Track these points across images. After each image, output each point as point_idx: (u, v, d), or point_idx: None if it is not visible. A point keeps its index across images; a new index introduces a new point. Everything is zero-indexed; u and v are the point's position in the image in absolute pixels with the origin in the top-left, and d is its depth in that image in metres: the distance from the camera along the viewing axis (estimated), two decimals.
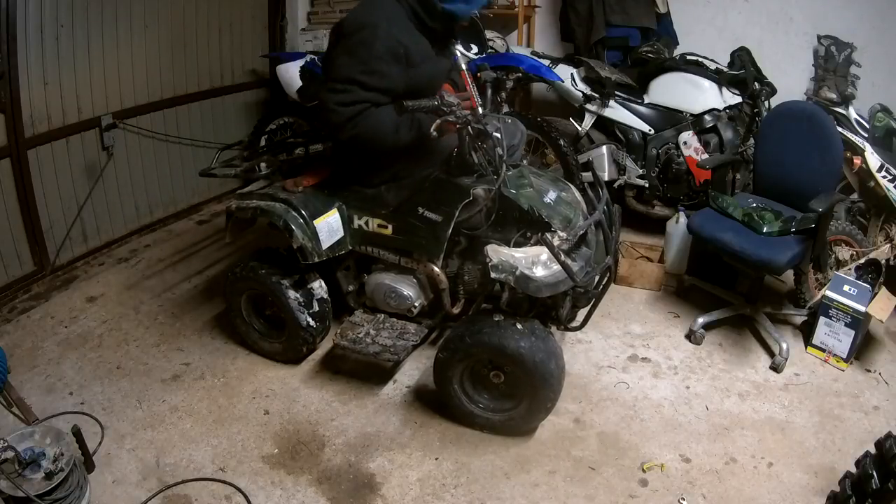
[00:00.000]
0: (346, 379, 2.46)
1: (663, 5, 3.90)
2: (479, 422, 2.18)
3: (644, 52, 3.66)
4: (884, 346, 2.69)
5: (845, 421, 2.27)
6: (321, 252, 2.24)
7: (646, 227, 3.62)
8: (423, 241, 2.17)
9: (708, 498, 1.95)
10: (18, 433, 1.77)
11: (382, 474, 2.04)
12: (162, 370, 2.51)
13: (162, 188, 3.77)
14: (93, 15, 3.09)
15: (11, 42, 2.71)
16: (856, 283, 2.52)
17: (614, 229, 2.36)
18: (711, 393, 2.41)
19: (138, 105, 3.47)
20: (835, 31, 3.62)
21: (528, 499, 1.95)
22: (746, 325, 2.80)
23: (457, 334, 2.08)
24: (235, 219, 2.39)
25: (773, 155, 2.72)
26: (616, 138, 3.45)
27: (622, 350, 2.67)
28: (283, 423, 2.24)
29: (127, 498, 1.92)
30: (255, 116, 4.29)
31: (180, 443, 2.14)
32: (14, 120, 2.81)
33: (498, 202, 2.09)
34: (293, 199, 2.24)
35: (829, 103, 3.24)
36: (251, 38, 4.21)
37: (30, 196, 2.97)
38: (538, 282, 1.93)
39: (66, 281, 3.15)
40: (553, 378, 2.01)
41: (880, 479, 1.64)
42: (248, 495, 1.94)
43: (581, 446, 2.16)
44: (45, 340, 2.67)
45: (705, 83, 3.27)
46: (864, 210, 3.07)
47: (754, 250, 2.41)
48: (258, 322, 2.56)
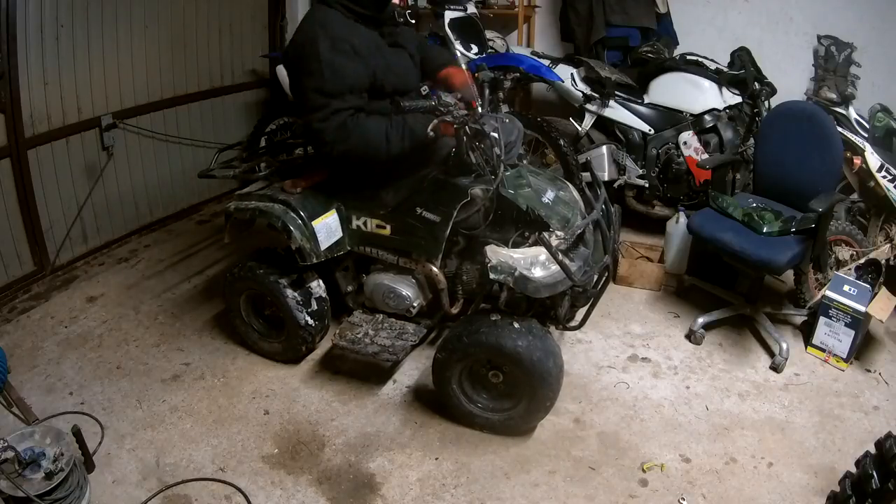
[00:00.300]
0: (345, 379, 2.46)
1: (663, 5, 3.90)
2: (479, 421, 2.18)
3: (644, 52, 3.66)
4: (884, 346, 2.69)
5: (845, 421, 2.27)
6: (320, 253, 2.24)
7: (646, 227, 3.62)
8: (422, 242, 2.17)
9: (708, 498, 1.95)
10: (18, 433, 1.77)
11: (382, 474, 2.04)
12: (162, 370, 2.51)
13: (162, 188, 3.77)
14: (93, 15, 3.09)
15: (11, 42, 2.71)
16: (856, 283, 2.52)
17: (613, 229, 2.36)
18: (711, 393, 2.41)
19: (138, 105, 3.47)
20: (835, 31, 3.62)
21: (528, 499, 1.95)
22: (746, 325, 2.80)
23: (454, 335, 2.08)
24: (234, 220, 2.39)
25: (773, 155, 2.72)
26: (616, 138, 3.44)
27: (622, 350, 2.67)
28: (283, 423, 2.24)
29: (127, 498, 1.92)
30: (255, 116, 4.29)
31: (180, 443, 2.14)
32: (14, 120, 2.81)
33: (496, 202, 2.09)
34: (292, 200, 2.24)
35: (829, 103, 3.24)
36: (251, 38, 4.22)
37: (30, 196, 2.97)
38: (536, 282, 1.93)
39: (66, 281, 3.15)
40: (551, 377, 2.01)
41: (880, 479, 1.64)
42: (248, 495, 1.94)
43: (581, 446, 2.16)
44: (45, 340, 2.67)
45: (705, 83, 3.27)
46: (864, 210, 3.07)
47: (754, 250, 2.41)
48: (257, 322, 2.56)
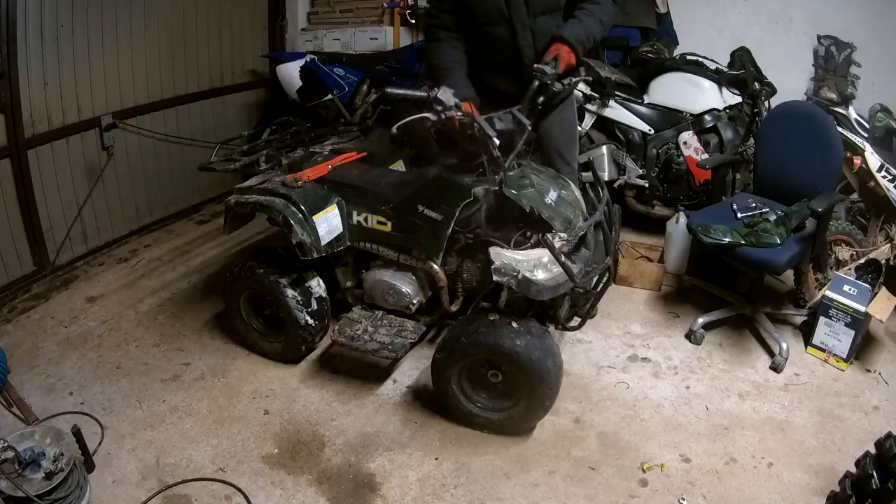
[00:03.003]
0: (345, 379, 2.46)
1: (663, 5, 3.90)
2: (479, 421, 2.18)
3: (644, 52, 3.67)
4: (884, 346, 2.69)
5: (845, 421, 2.27)
6: (320, 248, 2.23)
7: (646, 227, 3.62)
8: (423, 239, 2.17)
9: (708, 498, 1.95)
10: (18, 433, 1.77)
11: (382, 474, 2.04)
12: (162, 370, 2.51)
13: (162, 188, 3.78)
14: (93, 15, 3.09)
15: (11, 42, 2.71)
16: (856, 283, 2.52)
17: (614, 230, 2.35)
18: (711, 393, 2.41)
19: (138, 105, 3.47)
20: (835, 31, 3.62)
21: (528, 499, 1.95)
22: (746, 325, 2.80)
23: (453, 335, 2.08)
24: (234, 213, 2.39)
25: (773, 155, 2.72)
26: (616, 138, 3.45)
27: (622, 350, 2.67)
28: (283, 423, 2.24)
29: (127, 498, 1.92)
30: (255, 116, 4.30)
31: (180, 443, 2.14)
32: (14, 120, 2.81)
33: (499, 202, 2.08)
34: (292, 195, 2.23)
35: (829, 103, 3.24)
36: (251, 39, 4.22)
37: (30, 196, 2.97)
38: (539, 285, 1.93)
39: (66, 281, 3.15)
40: (550, 376, 2.01)
41: (880, 479, 1.64)
42: (248, 495, 1.94)
43: (581, 446, 2.15)
44: (45, 340, 2.67)
45: (705, 83, 3.27)
46: (864, 210, 3.07)
47: (754, 250, 2.41)
48: (257, 322, 2.56)
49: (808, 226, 2.50)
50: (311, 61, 3.84)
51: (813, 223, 2.47)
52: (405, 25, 4.16)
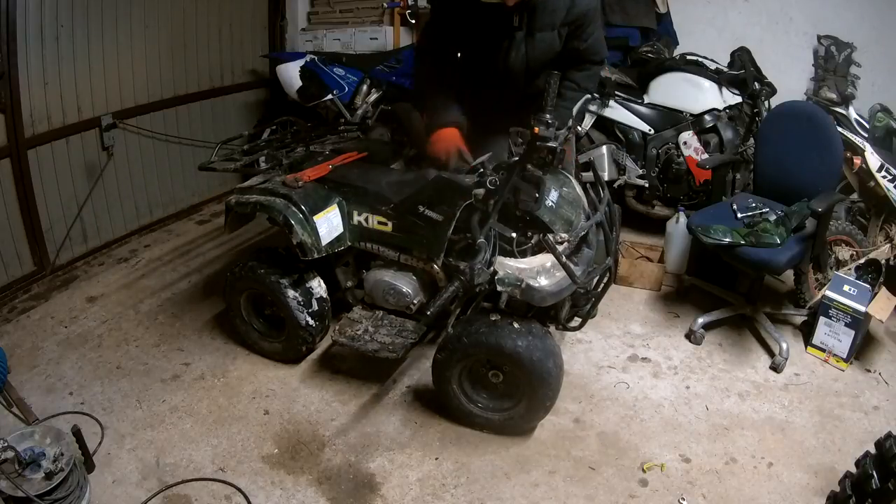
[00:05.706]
0: (345, 379, 2.46)
1: (663, 5, 3.90)
2: (479, 421, 2.18)
3: (644, 52, 3.67)
4: (884, 346, 2.69)
5: (845, 421, 2.27)
6: (321, 248, 2.23)
7: (646, 227, 3.62)
8: (424, 240, 2.17)
9: (708, 498, 1.95)
10: (18, 433, 1.77)
11: (382, 474, 2.04)
12: (162, 370, 2.51)
13: (162, 188, 3.78)
14: (93, 15, 3.09)
15: (11, 42, 2.71)
16: (856, 283, 2.52)
17: (615, 230, 2.35)
18: (711, 393, 2.41)
19: (138, 105, 3.47)
20: (835, 31, 3.62)
21: (528, 499, 1.95)
22: (746, 325, 2.80)
23: (454, 335, 2.08)
24: (235, 213, 2.39)
25: (773, 155, 2.72)
26: (616, 138, 3.45)
27: (622, 350, 2.67)
28: (283, 423, 2.24)
29: (127, 498, 1.92)
30: (255, 116, 4.30)
31: (180, 443, 2.14)
32: (14, 120, 2.81)
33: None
34: (293, 195, 2.23)
35: (829, 103, 3.25)
36: (251, 38, 4.22)
37: (30, 196, 2.97)
38: (543, 292, 1.93)
39: (66, 281, 3.15)
40: (551, 376, 2.01)
41: (880, 479, 1.64)
42: (248, 495, 1.94)
43: (581, 446, 2.16)
44: (45, 340, 2.67)
45: (705, 83, 3.27)
46: (864, 210, 3.07)
47: (754, 251, 2.41)
48: (258, 322, 2.56)
49: (808, 226, 2.50)
50: (311, 61, 3.84)
51: (813, 223, 2.47)
52: (405, 25, 4.16)
